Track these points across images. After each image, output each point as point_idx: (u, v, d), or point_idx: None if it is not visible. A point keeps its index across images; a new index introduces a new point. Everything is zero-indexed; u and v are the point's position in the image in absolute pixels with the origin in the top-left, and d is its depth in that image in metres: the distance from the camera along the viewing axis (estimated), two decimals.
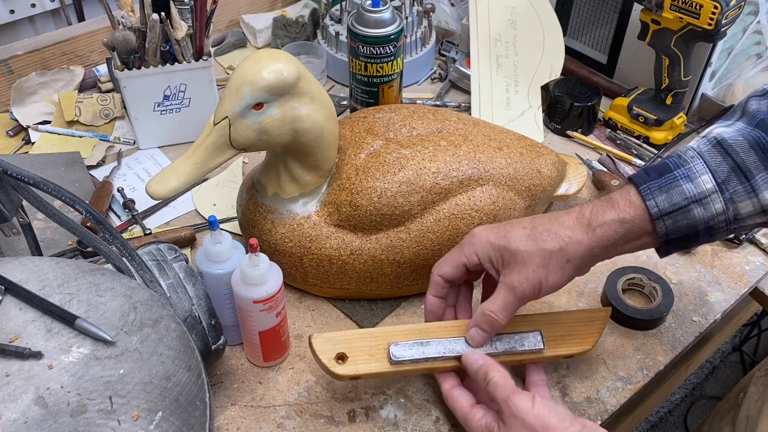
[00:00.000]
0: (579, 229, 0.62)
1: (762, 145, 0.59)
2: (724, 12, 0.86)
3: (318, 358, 0.65)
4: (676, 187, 0.60)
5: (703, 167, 0.60)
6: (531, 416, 0.57)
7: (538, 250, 0.62)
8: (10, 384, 0.50)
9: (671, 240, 0.61)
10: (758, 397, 0.90)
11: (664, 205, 0.60)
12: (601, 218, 0.61)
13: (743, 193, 0.59)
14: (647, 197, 0.60)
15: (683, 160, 0.61)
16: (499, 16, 1.08)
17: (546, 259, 0.62)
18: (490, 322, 0.64)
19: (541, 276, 0.62)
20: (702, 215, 0.60)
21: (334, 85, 1.15)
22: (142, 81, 0.94)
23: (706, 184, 0.59)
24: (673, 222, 0.60)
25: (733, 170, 0.59)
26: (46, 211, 0.62)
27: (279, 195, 0.76)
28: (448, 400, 0.66)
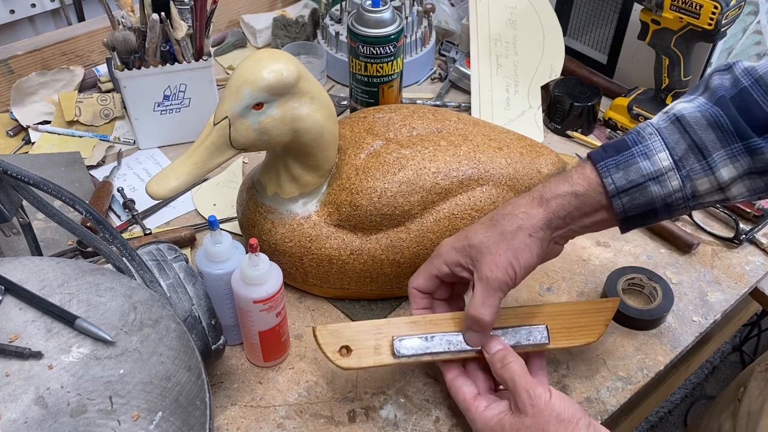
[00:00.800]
0: (533, 204, 0.63)
1: (720, 124, 0.59)
2: (724, 12, 0.87)
3: (322, 350, 0.65)
4: (633, 165, 0.60)
5: (661, 144, 0.60)
6: (547, 408, 0.59)
7: (498, 234, 0.63)
8: (10, 384, 0.50)
9: (630, 217, 0.62)
10: (759, 392, 0.90)
11: (621, 182, 0.60)
12: (554, 191, 0.62)
13: (700, 171, 0.60)
14: (604, 175, 0.61)
15: (641, 137, 0.61)
16: (499, 16, 1.08)
17: (507, 240, 0.63)
18: (475, 320, 0.64)
19: (510, 258, 0.63)
20: (659, 192, 0.60)
21: (334, 85, 1.15)
22: (142, 81, 0.94)
23: (663, 161, 0.60)
24: (630, 199, 0.61)
25: (690, 148, 0.60)
26: (46, 211, 0.62)
27: (279, 195, 0.76)
28: (451, 390, 0.66)
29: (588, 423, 0.59)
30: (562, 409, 0.59)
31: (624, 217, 0.62)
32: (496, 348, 0.65)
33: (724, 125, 0.59)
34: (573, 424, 0.58)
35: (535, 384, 0.61)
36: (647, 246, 0.87)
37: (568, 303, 0.72)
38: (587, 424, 0.59)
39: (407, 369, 0.73)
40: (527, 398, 0.60)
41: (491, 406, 0.63)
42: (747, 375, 0.96)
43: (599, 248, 0.87)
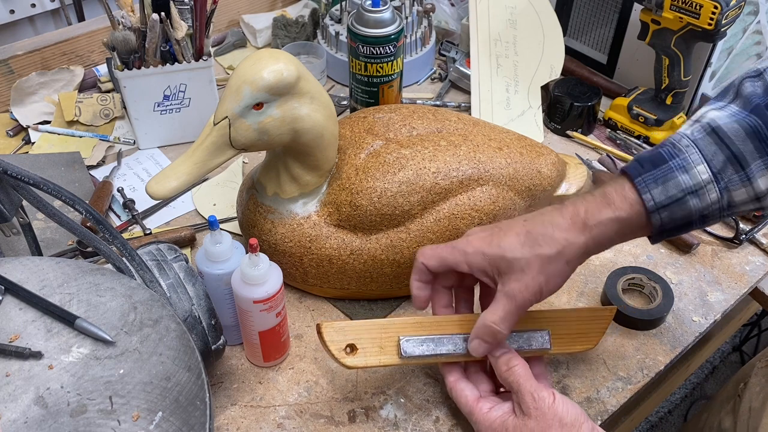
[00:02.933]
0: (574, 229, 0.61)
1: (758, 133, 0.58)
2: (724, 12, 0.86)
3: (327, 348, 0.65)
4: (672, 179, 0.59)
5: (699, 157, 0.59)
6: (551, 411, 0.59)
7: (536, 257, 0.60)
8: (10, 384, 0.50)
9: (665, 230, 0.61)
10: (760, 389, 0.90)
11: (660, 198, 0.59)
12: (597, 217, 0.60)
13: (738, 182, 0.59)
14: (642, 190, 0.59)
15: (678, 149, 0.60)
16: (499, 16, 1.08)
17: (544, 265, 0.61)
18: (492, 333, 0.63)
19: (542, 282, 0.61)
20: (697, 205, 0.59)
21: (334, 85, 1.15)
22: (142, 81, 0.94)
23: (702, 174, 0.59)
24: (669, 214, 0.59)
25: (728, 159, 0.59)
26: (46, 211, 0.62)
27: (279, 195, 0.76)
28: (453, 393, 0.66)
29: (591, 428, 0.59)
30: (565, 413, 0.59)
31: (660, 231, 0.61)
32: (500, 350, 0.65)
33: (762, 134, 0.58)
34: (576, 428, 0.58)
35: (539, 387, 0.61)
36: (647, 246, 0.87)
37: (567, 309, 0.73)
38: (590, 428, 0.59)
39: (407, 369, 0.73)
40: (531, 401, 0.60)
41: (495, 407, 0.63)
42: (747, 371, 0.96)
43: None
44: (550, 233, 0.61)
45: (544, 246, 0.61)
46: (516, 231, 0.62)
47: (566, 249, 0.61)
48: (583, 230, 0.61)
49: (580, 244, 0.61)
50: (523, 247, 0.61)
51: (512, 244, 0.61)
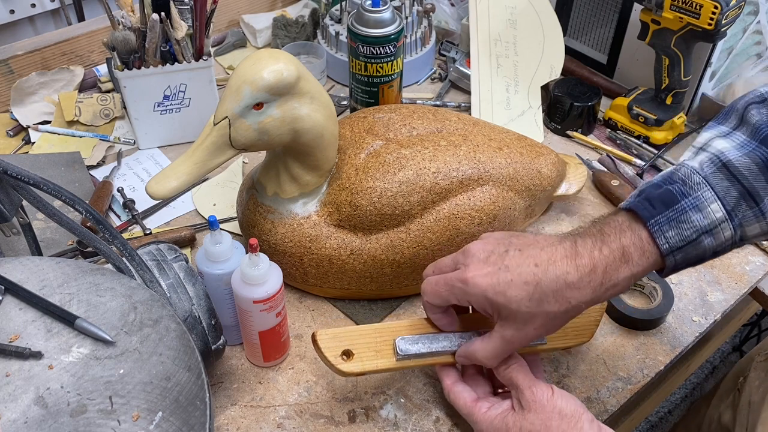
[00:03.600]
0: (589, 288, 0.57)
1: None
2: (724, 12, 0.86)
3: (323, 355, 0.65)
4: (686, 220, 0.56)
5: (712, 195, 0.57)
6: (550, 404, 0.59)
7: (542, 313, 0.58)
8: (10, 384, 0.50)
9: (677, 268, 0.59)
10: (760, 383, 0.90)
11: (675, 241, 0.57)
12: (615, 278, 0.57)
13: (752, 218, 0.57)
14: (656, 234, 0.57)
15: (689, 188, 0.57)
16: (499, 16, 1.08)
17: (548, 320, 0.59)
18: (479, 362, 0.64)
19: (541, 333, 0.60)
20: (711, 244, 0.57)
21: (334, 85, 1.15)
22: (142, 81, 0.94)
23: (716, 213, 0.56)
24: (684, 255, 0.58)
25: (742, 196, 0.57)
26: (46, 211, 0.62)
27: (279, 195, 0.76)
28: (450, 396, 0.66)
29: (591, 419, 0.59)
30: (564, 405, 0.59)
31: (672, 269, 0.59)
32: None
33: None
34: (575, 419, 0.58)
35: (537, 382, 0.61)
36: None
37: None
38: (590, 419, 0.59)
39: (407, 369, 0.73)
40: (530, 395, 0.60)
41: (493, 407, 0.63)
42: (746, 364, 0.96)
43: None
44: (562, 292, 0.58)
45: (553, 304, 0.58)
46: (525, 279, 0.58)
47: (575, 308, 0.59)
48: (598, 289, 0.58)
49: (590, 302, 0.59)
50: (530, 301, 0.58)
51: (519, 297, 0.58)
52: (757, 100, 0.60)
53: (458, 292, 0.61)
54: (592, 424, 0.59)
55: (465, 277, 0.60)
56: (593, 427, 0.58)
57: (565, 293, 0.57)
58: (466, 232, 0.77)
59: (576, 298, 0.58)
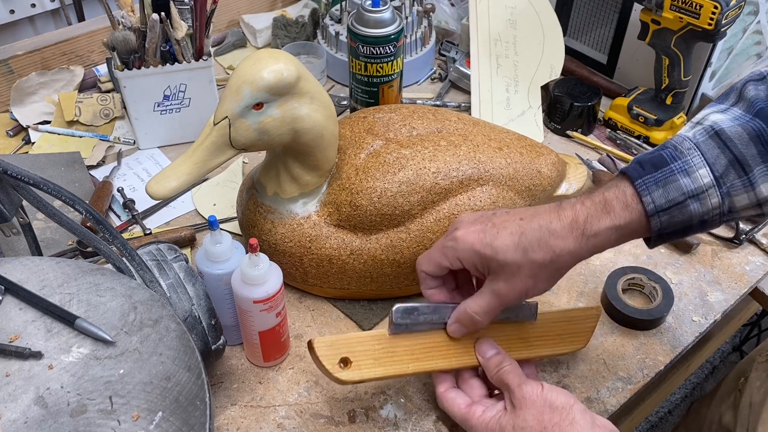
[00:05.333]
0: (571, 237, 0.59)
1: (762, 137, 0.57)
2: (724, 12, 0.86)
3: (320, 364, 0.64)
4: (673, 182, 0.58)
5: (701, 160, 0.58)
6: (540, 399, 0.60)
7: (528, 262, 0.60)
8: (10, 384, 0.50)
9: (663, 234, 0.60)
10: (761, 383, 0.90)
11: (660, 201, 0.58)
12: (596, 227, 0.59)
13: (740, 187, 0.58)
14: (643, 193, 0.58)
15: (679, 152, 0.59)
16: (499, 16, 1.08)
17: (535, 270, 0.60)
18: (472, 321, 0.64)
19: (529, 285, 0.61)
20: (698, 210, 0.58)
21: (334, 85, 1.15)
22: (142, 81, 0.94)
23: (704, 178, 0.57)
24: (669, 218, 0.58)
25: (731, 163, 0.57)
26: (46, 211, 0.62)
27: (279, 195, 0.76)
28: (444, 402, 0.66)
29: (582, 409, 0.59)
30: (555, 398, 0.60)
31: (658, 234, 0.60)
32: (490, 353, 0.66)
33: (765, 138, 0.57)
34: (567, 410, 0.59)
35: (527, 380, 0.62)
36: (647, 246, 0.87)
37: (555, 311, 0.73)
38: (582, 410, 0.59)
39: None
40: (520, 393, 0.61)
41: (488, 410, 0.63)
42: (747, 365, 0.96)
43: None
44: (546, 240, 0.59)
45: (537, 252, 0.60)
46: (510, 230, 0.61)
47: (560, 257, 0.60)
48: (580, 239, 0.59)
49: (574, 252, 0.60)
50: (516, 250, 0.60)
51: (505, 245, 0.60)
52: (756, 78, 0.61)
53: (449, 251, 0.63)
54: (584, 414, 0.59)
55: (455, 235, 0.63)
56: (585, 417, 0.59)
57: (549, 241, 0.59)
58: None
59: (559, 247, 0.59)
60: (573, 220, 0.59)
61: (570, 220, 0.59)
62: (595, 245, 0.60)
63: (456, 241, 0.63)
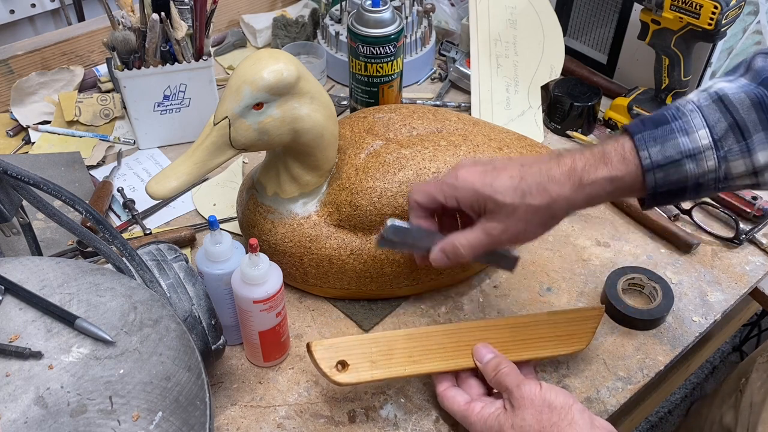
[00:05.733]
0: (568, 184, 0.60)
1: (763, 105, 0.57)
2: (724, 12, 0.86)
3: (318, 366, 0.65)
4: (672, 140, 0.58)
5: (701, 122, 0.58)
6: (539, 399, 0.60)
7: (524, 205, 0.61)
8: (10, 384, 0.50)
9: (658, 194, 0.60)
10: (761, 384, 0.90)
11: (657, 158, 0.58)
12: (592, 175, 0.60)
13: (738, 152, 0.58)
14: (640, 147, 0.59)
15: (681, 113, 0.59)
16: (499, 16, 1.08)
17: (530, 214, 0.61)
18: (455, 253, 0.64)
19: (521, 229, 0.62)
20: (693, 171, 0.58)
21: (334, 85, 1.15)
22: (142, 81, 0.94)
23: (703, 139, 0.58)
24: (664, 175, 0.59)
25: (731, 127, 0.58)
26: (46, 211, 0.62)
27: (279, 195, 0.76)
28: (444, 401, 0.67)
29: (581, 409, 0.60)
30: (553, 398, 0.60)
31: (653, 193, 0.60)
32: (488, 357, 0.67)
33: (766, 106, 0.57)
34: (566, 410, 0.59)
35: (525, 380, 0.62)
36: (647, 246, 0.87)
37: (557, 312, 0.73)
38: (580, 409, 0.60)
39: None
40: (518, 393, 0.61)
41: (486, 406, 0.63)
42: (748, 366, 0.96)
43: (599, 248, 0.87)
44: (544, 185, 0.61)
45: (535, 196, 0.61)
46: (511, 174, 0.62)
47: (556, 203, 0.61)
48: (577, 187, 0.60)
49: (570, 199, 0.61)
50: (514, 192, 0.61)
51: (505, 187, 0.61)
52: (766, 51, 0.62)
53: (448, 189, 0.64)
54: (582, 414, 0.59)
55: (456, 173, 0.64)
56: (584, 417, 0.59)
57: (547, 186, 0.60)
58: None
59: (556, 192, 0.60)
60: (571, 168, 0.60)
61: (568, 168, 0.61)
62: (590, 195, 0.61)
63: (457, 180, 0.64)
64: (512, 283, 0.83)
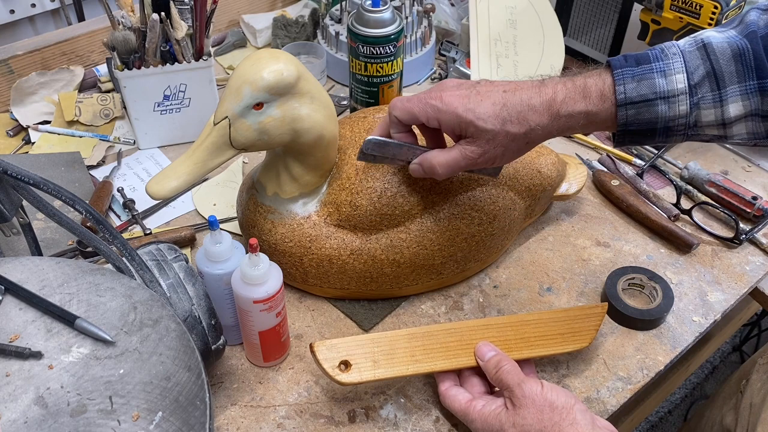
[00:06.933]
0: (547, 114, 0.62)
1: (743, 57, 0.58)
2: (724, 12, 0.87)
3: (321, 366, 0.66)
4: (649, 79, 0.59)
5: (681, 66, 0.60)
6: (540, 398, 0.60)
7: (503, 132, 0.62)
8: (10, 384, 0.50)
9: (628, 131, 0.61)
10: (761, 385, 0.90)
11: (632, 94, 0.60)
12: (570, 108, 0.61)
13: (710, 101, 0.59)
14: (618, 82, 0.60)
15: (665, 54, 0.60)
16: (499, 16, 1.08)
17: (508, 141, 0.63)
18: (432, 170, 0.66)
19: (498, 153, 0.64)
20: (665, 113, 0.60)
21: (334, 85, 1.15)
22: (142, 81, 0.94)
23: (679, 83, 0.59)
24: (636, 113, 0.60)
25: (707, 75, 0.59)
26: (46, 211, 0.62)
27: (279, 195, 0.76)
28: (446, 400, 0.67)
29: (583, 409, 0.60)
30: (555, 398, 0.60)
31: (624, 130, 0.61)
32: (489, 355, 0.67)
33: (746, 59, 0.58)
34: (567, 410, 0.59)
35: (526, 379, 0.62)
36: (647, 246, 0.87)
37: (560, 310, 0.73)
38: (582, 409, 0.60)
39: None
40: (520, 392, 0.61)
41: (487, 404, 0.64)
42: (749, 367, 0.96)
43: (599, 248, 0.87)
44: (525, 114, 0.62)
45: (515, 124, 0.62)
46: (493, 100, 0.63)
47: (533, 132, 0.63)
48: (554, 118, 0.62)
49: (546, 128, 0.62)
50: (495, 119, 0.62)
51: (486, 113, 0.62)
52: (763, 6, 0.62)
53: (430, 109, 0.64)
54: (584, 414, 0.59)
55: (440, 95, 0.64)
56: (586, 417, 0.59)
57: (527, 116, 0.62)
58: (466, 232, 0.77)
59: (534, 121, 0.62)
60: (552, 98, 0.62)
61: (549, 98, 0.62)
62: (565, 125, 0.63)
63: (441, 102, 0.64)
64: (512, 283, 0.83)
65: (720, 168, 0.98)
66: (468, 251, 0.78)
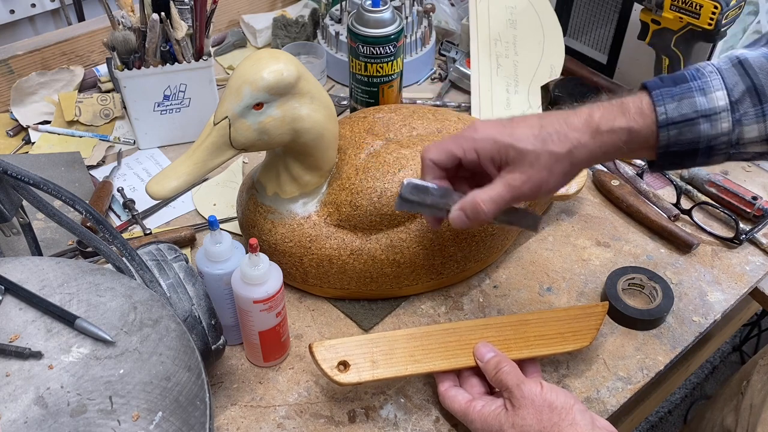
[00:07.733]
0: (587, 132, 0.60)
1: None
2: (724, 12, 0.86)
3: (320, 366, 0.66)
4: (689, 98, 0.58)
5: (720, 83, 0.58)
6: (539, 399, 0.60)
7: (546, 152, 0.60)
8: (10, 384, 0.50)
9: (669, 153, 0.60)
10: (762, 386, 0.90)
11: (673, 114, 0.58)
12: (610, 123, 0.59)
13: (753, 116, 0.58)
14: (658, 103, 0.58)
15: (701, 73, 0.59)
16: (499, 16, 1.08)
17: (552, 162, 0.60)
18: (475, 210, 0.62)
19: (544, 178, 0.61)
20: (707, 132, 0.58)
21: (334, 85, 1.15)
22: (142, 81, 0.94)
23: (720, 100, 0.58)
24: (678, 133, 0.58)
25: (748, 90, 0.58)
26: (46, 211, 0.62)
27: (279, 195, 0.76)
28: (446, 400, 0.67)
29: (582, 409, 0.60)
30: (554, 398, 0.60)
31: (665, 151, 0.59)
32: (488, 355, 0.67)
33: None
34: (566, 411, 0.59)
35: (526, 380, 0.62)
36: (647, 246, 0.87)
37: (560, 309, 0.73)
38: (581, 410, 0.60)
39: None
40: (519, 393, 0.61)
41: (487, 404, 0.64)
42: (750, 368, 0.96)
43: (599, 248, 0.87)
44: (564, 131, 0.60)
45: (556, 143, 0.60)
46: (530, 123, 0.61)
47: (576, 150, 0.60)
48: (595, 135, 0.60)
49: (589, 146, 0.60)
50: (535, 140, 0.60)
51: (525, 135, 0.61)
52: None
53: (466, 142, 0.63)
54: (584, 415, 0.59)
55: (474, 127, 0.63)
56: (585, 417, 0.59)
57: (568, 133, 0.60)
58: (466, 232, 0.77)
59: (577, 139, 0.60)
60: (589, 117, 0.60)
61: (585, 116, 0.60)
62: (607, 143, 0.60)
63: (475, 131, 0.63)
64: (512, 283, 0.83)
65: (720, 168, 0.98)
66: (468, 251, 0.78)
